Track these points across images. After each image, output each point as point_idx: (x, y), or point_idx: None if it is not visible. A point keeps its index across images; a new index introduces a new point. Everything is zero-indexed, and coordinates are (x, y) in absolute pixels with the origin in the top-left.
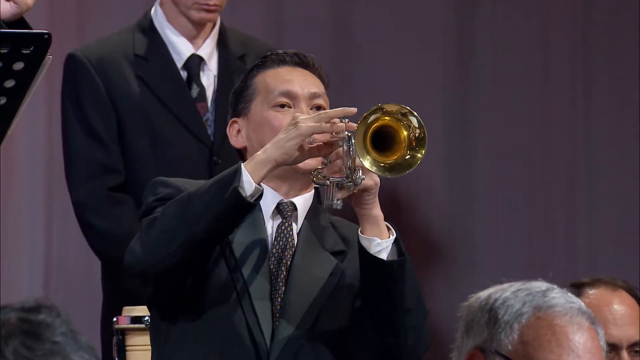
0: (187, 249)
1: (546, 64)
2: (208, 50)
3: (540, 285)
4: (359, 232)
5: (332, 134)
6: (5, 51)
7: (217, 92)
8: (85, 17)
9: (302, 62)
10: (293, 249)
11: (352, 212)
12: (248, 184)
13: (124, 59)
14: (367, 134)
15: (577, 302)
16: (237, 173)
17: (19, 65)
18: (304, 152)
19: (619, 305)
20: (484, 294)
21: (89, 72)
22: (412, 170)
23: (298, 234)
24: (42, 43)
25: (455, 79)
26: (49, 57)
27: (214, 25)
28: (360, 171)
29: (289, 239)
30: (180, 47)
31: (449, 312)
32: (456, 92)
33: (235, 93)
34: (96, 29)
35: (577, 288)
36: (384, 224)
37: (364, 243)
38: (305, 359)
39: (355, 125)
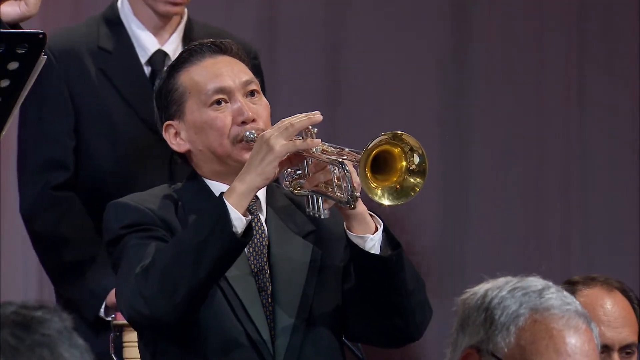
0: (192, 297)
1: (542, 62)
2: (173, 45)
3: (536, 283)
4: (347, 230)
5: (308, 150)
6: (0, 51)
7: None
8: (82, 16)
9: (220, 49)
10: (267, 240)
11: None
12: (238, 220)
13: (87, 52)
14: (369, 161)
15: (573, 302)
16: (226, 214)
17: (13, 65)
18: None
19: (612, 306)
20: (480, 290)
21: (50, 64)
22: (413, 196)
23: (266, 222)
24: (36, 43)
25: (451, 79)
26: (43, 57)
27: (181, 19)
28: (357, 191)
29: (262, 233)
30: (146, 42)
31: (441, 310)
32: (452, 91)
33: (161, 94)
34: None
35: (571, 286)
36: (369, 217)
37: (356, 241)
38: (309, 354)
39: (319, 141)
